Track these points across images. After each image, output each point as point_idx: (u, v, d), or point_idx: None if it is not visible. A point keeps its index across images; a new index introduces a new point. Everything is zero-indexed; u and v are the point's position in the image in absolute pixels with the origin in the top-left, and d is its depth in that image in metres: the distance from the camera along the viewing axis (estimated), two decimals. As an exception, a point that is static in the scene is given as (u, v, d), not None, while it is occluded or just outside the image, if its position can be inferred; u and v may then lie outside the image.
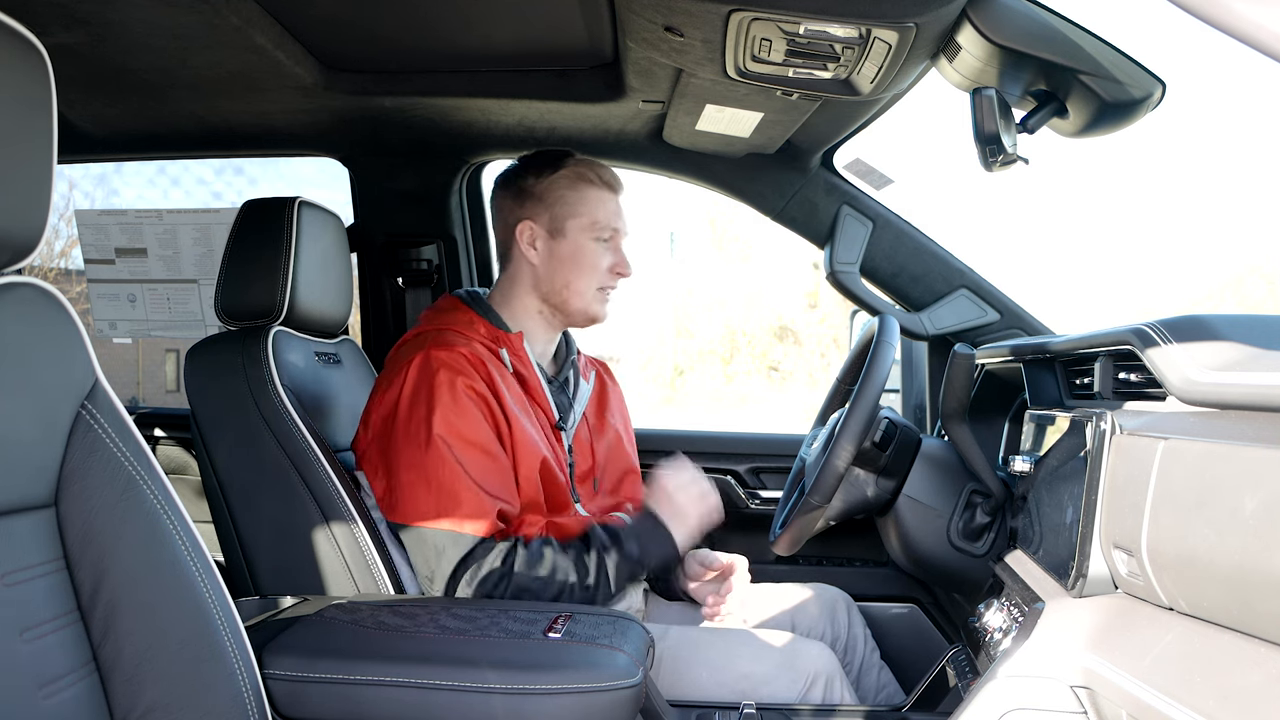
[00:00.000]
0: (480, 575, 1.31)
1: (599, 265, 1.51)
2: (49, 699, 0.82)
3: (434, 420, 1.33)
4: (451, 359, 1.37)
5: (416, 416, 1.34)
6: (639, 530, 1.43)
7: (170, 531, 0.92)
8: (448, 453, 1.32)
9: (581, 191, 1.51)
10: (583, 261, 1.50)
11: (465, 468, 1.33)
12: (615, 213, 1.53)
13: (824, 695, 1.39)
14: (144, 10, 1.31)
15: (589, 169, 1.53)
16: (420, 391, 1.35)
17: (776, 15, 1.15)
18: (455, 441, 1.33)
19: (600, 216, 1.51)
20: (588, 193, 1.51)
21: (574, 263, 1.50)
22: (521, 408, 1.43)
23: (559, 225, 1.50)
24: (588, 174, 1.52)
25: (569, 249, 1.50)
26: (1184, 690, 0.77)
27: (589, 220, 1.50)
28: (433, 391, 1.34)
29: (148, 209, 2.26)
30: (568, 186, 1.51)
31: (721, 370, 18.82)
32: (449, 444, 1.32)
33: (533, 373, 1.49)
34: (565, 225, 1.50)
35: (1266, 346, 0.87)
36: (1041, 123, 1.28)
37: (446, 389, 1.34)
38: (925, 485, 1.44)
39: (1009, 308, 1.79)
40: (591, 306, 1.52)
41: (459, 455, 1.33)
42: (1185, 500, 0.81)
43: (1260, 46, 0.54)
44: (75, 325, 0.90)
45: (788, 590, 1.67)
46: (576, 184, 1.51)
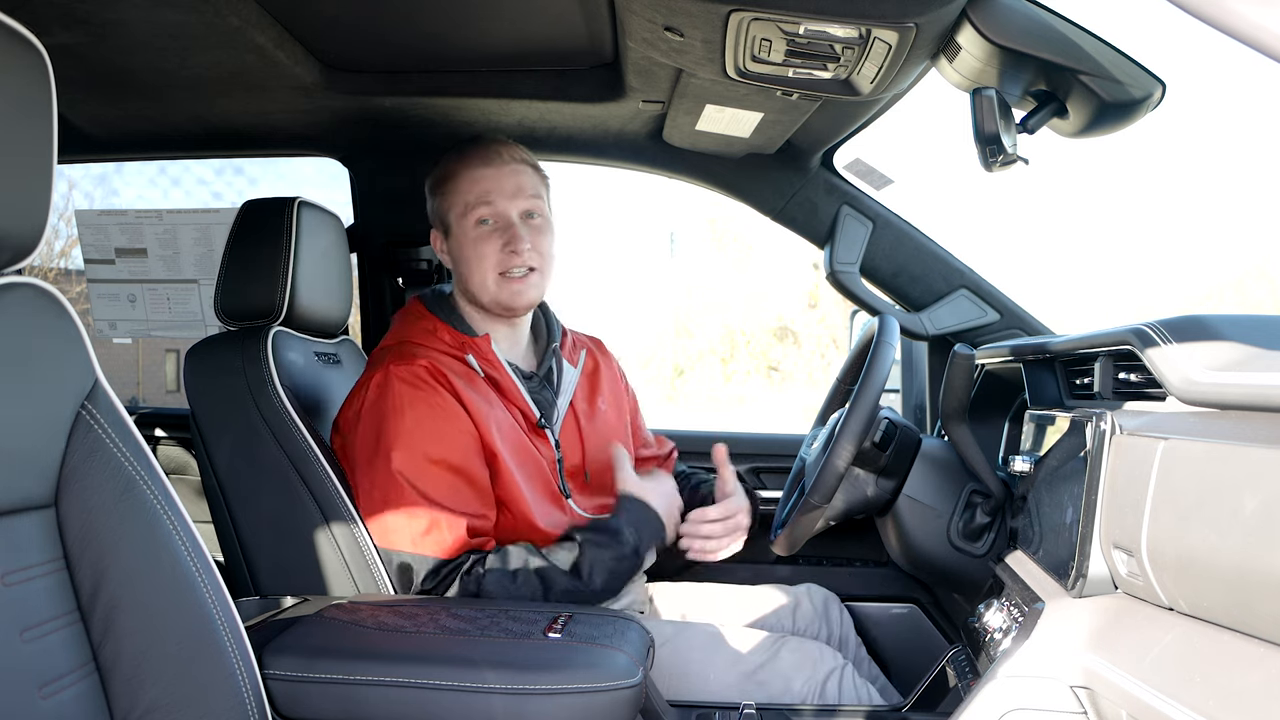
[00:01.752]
0: (450, 593, 1.30)
1: (485, 251, 1.42)
2: (49, 699, 0.82)
3: (391, 442, 1.31)
4: (411, 374, 1.35)
5: (374, 437, 1.33)
6: (627, 518, 1.38)
7: (170, 531, 0.92)
8: (406, 476, 1.30)
9: (454, 180, 1.45)
10: (467, 252, 1.43)
11: (424, 490, 1.31)
12: (487, 189, 1.42)
13: (839, 690, 1.39)
14: (144, 10, 1.31)
15: (460, 155, 1.46)
16: (378, 410, 1.34)
17: (776, 15, 1.15)
18: (415, 462, 1.31)
19: (470, 197, 1.43)
20: (459, 178, 1.44)
21: (463, 256, 1.45)
22: (495, 413, 1.39)
23: (446, 223, 1.47)
24: (457, 161, 1.45)
25: (457, 244, 1.46)
26: (1184, 690, 0.77)
27: (461, 206, 1.44)
28: (391, 411, 1.33)
29: (148, 209, 2.26)
30: (440, 181, 1.47)
31: (721, 370, 18.82)
32: (408, 466, 1.31)
33: (505, 374, 1.44)
34: (448, 220, 1.46)
35: (1266, 346, 0.87)
36: (1041, 123, 1.28)
37: (407, 408, 1.33)
38: (925, 485, 1.44)
39: (1009, 308, 1.79)
40: (500, 296, 1.43)
41: (418, 477, 1.31)
42: (1185, 500, 0.81)
43: (1260, 46, 0.54)
44: (75, 325, 0.90)
45: (780, 591, 1.66)
46: (446, 174, 1.46)
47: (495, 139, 1.49)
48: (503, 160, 1.44)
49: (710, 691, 1.38)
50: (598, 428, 1.57)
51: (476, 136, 1.52)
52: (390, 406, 1.33)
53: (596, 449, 1.55)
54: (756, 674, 1.40)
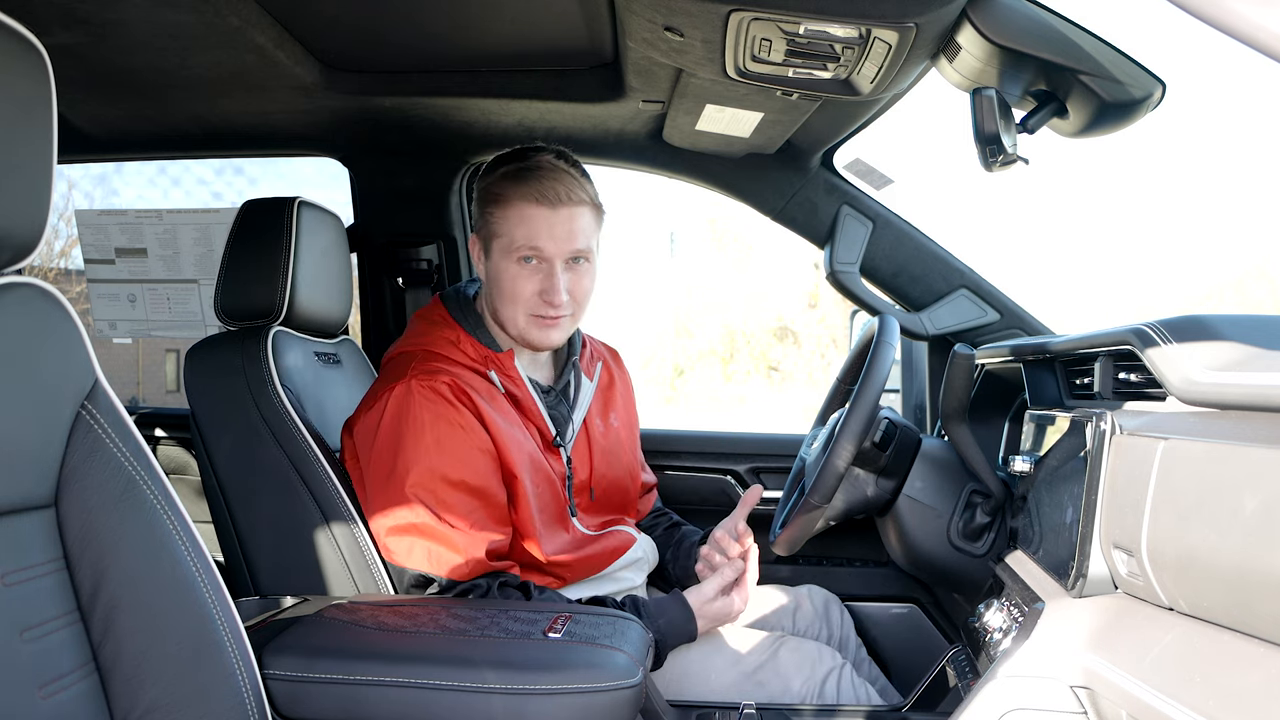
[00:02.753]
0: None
1: (520, 291, 1.35)
2: (49, 699, 0.82)
3: (410, 461, 1.28)
4: (433, 391, 1.31)
5: (391, 453, 1.30)
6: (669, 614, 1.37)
7: (170, 531, 0.92)
8: (423, 496, 1.28)
9: (504, 208, 1.35)
10: (503, 286, 1.37)
11: (442, 511, 1.28)
12: (536, 232, 1.34)
13: (837, 690, 1.38)
14: (144, 10, 1.31)
15: (518, 182, 1.34)
16: (398, 426, 1.30)
17: (776, 15, 1.15)
18: (434, 483, 1.28)
19: (518, 236, 1.34)
20: (510, 210, 1.35)
21: (498, 287, 1.38)
22: (514, 433, 1.37)
23: (487, 244, 1.39)
24: (514, 187, 1.35)
25: (494, 272, 1.38)
26: (1184, 690, 0.77)
27: (506, 241, 1.35)
28: (411, 429, 1.29)
29: (148, 209, 2.26)
30: (493, 201, 1.37)
31: (721, 370, 18.82)
32: (426, 486, 1.28)
33: (525, 392, 1.41)
34: (490, 245, 1.38)
35: (1266, 346, 0.87)
36: (1041, 123, 1.28)
37: (428, 427, 1.29)
38: (925, 485, 1.44)
39: (1009, 308, 1.79)
40: (527, 334, 1.38)
41: (437, 497, 1.28)
42: (1185, 500, 0.81)
43: (1260, 46, 0.54)
44: (75, 325, 0.90)
45: (781, 592, 1.66)
46: (500, 198, 1.36)
47: (557, 168, 1.36)
48: (560, 202, 1.34)
49: (710, 691, 1.38)
50: (608, 444, 1.55)
51: (534, 155, 1.38)
52: (410, 423, 1.29)
53: (605, 465, 1.53)
54: (756, 674, 1.40)
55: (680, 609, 1.38)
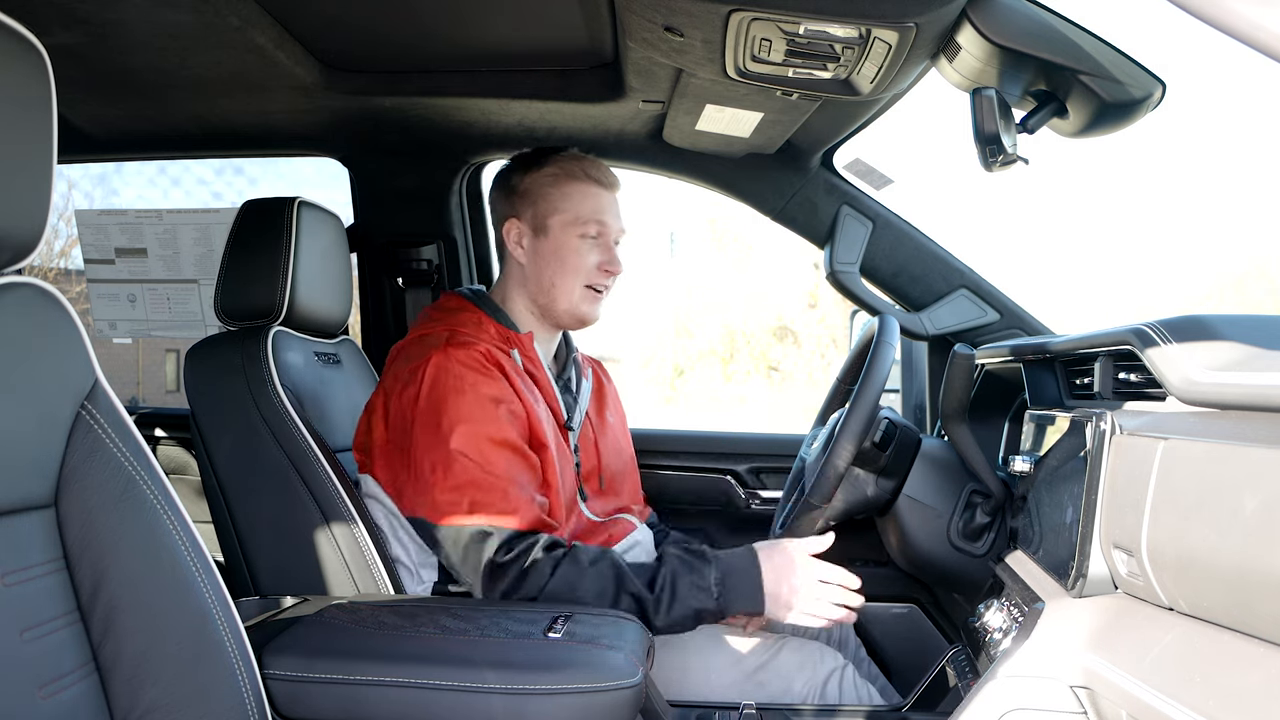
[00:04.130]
0: (523, 566, 1.26)
1: (584, 263, 1.47)
2: (49, 699, 0.82)
3: (454, 422, 1.29)
4: (471, 359, 1.34)
5: (435, 418, 1.30)
6: (723, 562, 1.32)
7: (170, 531, 0.92)
8: (472, 455, 1.28)
9: (564, 187, 1.47)
10: (566, 259, 1.46)
11: (493, 468, 1.29)
12: (603, 208, 1.48)
13: (839, 690, 1.38)
14: (144, 10, 1.31)
15: (574, 163, 1.49)
16: (441, 392, 1.31)
17: (776, 15, 1.15)
18: (480, 443, 1.29)
19: (584, 211, 1.46)
20: (570, 188, 1.47)
21: (558, 261, 1.47)
22: (539, 408, 1.40)
23: (542, 222, 1.48)
24: (573, 169, 1.48)
25: (552, 246, 1.47)
26: (1184, 690, 0.77)
27: (571, 216, 1.46)
28: (452, 392, 1.31)
29: (148, 209, 2.26)
30: (551, 182, 1.48)
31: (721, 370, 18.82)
32: (473, 445, 1.28)
33: (543, 373, 1.47)
34: (548, 222, 1.47)
35: (1266, 346, 0.87)
36: (1041, 123, 1.28)
37: (469, 389, 1.31)
38: (925, 485, 1.44)
39: (1009, 308, 1.79)
40: (579, 307, 1.48)
41: (485, 456, 1.29)
42: (1185, 500, 0.81)
43: (1260, 46, 0.54)
44: (75, 325, 0.90)
45: None
46: (560, 180, 1.48)
47: (597, 159, 1.53)
48: (613, 185, 1.52)
49: (710, 691, 1.38)
50: (609, 438, 1.61)
51: (564, 151, 1.52)
52: (451, 387, 1.31)
53: (610, 456, 1.59)
54: (757, 674, 1.40)
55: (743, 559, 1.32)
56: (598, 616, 1.17)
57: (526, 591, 1.26)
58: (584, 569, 1.27)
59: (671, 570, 1.29)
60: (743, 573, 1.30)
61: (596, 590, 1.26)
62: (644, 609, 1.26)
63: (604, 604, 1.26)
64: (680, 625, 1.29)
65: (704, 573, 1.29)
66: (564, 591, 1.26)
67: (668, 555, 1.32)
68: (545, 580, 1.26)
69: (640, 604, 1.26)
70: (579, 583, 1.26)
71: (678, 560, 1.30)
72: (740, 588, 1.29)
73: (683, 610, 1.27)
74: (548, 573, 1.26)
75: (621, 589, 1.27)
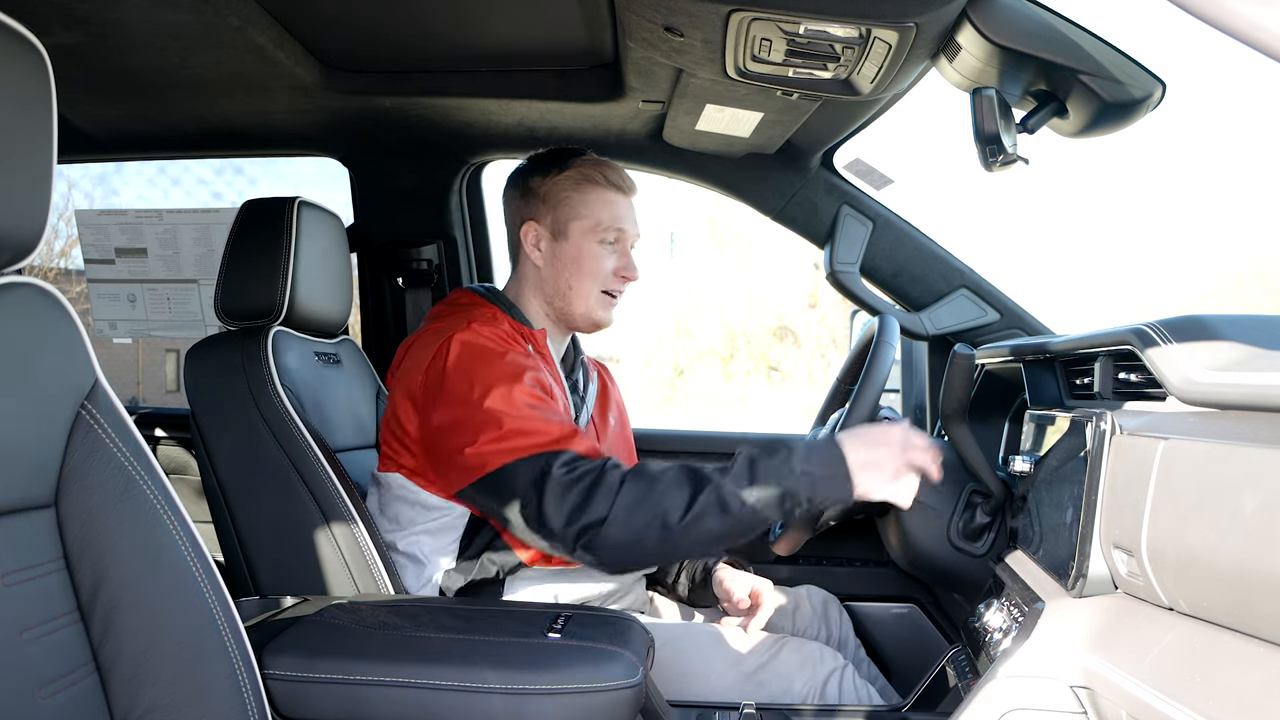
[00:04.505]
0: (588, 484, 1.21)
1: (601, 268, 1.47)
2: (49, 699, 0.82)
3: (492, 385, 1.28)
4: (496, 334, 1.35)
5: (470, 384, 1.29)
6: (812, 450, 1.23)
7: (170, 531, 0.92)
8: (512, 407, 1.27)
9: (585, 192, 1.48)
10: (584, 264, 1.47)
11: (534, 412, 1.28)
12: (622, 215, 1.49)
13: (839, 691, 1.38)
14: (144, 10, 1.31)
15: (595, 168, 1.49)
16: (469, 361, 1.31)
17: (776, 15, 1.15)
18: (518, 399, 1.28)
19: (604, 218, 1.47)
20: (591, 193, 1.47)
21: (575, 265, 1.47)
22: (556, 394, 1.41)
23: (562, 227, 1.47)
24: (593, 174, 1.48)
25: (571, 251, 1.47)
26: (1184, 690, 0.77)
27: (592, 222, 1.46)
28: (483, 360, 1.31)
29: (148, 209, 2.26)
30: (572, 187, 1.48)
31: (721, 370, 18.82)
32: (511, 402, 1.28)
33: (555, 370, 1.47)
34: (568, 227, 1.47)
35: (1266, 346, 0.87)
36: (1041, 123, 1.28)
37: (497, 359, 1.32)
38: (925, 485, 1.43)
39: (1009, 308, 1.79)
40: (595, 311, 1.49)
41: (526, 406, 1.28)
42: (1185, 500, 0.81)
43: (1260, 46, 0.54)
44: (75, 325, 0.90)
45: (780, 592, 1.66)
46: (581, 184, 1.48)
47: (616, 164, 1.52)
48: (631, 191, 1.52)
49: (710, 691, 1.38)
50: (613, 441, 1.61)
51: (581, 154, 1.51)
52: (478, 356, 1.31)
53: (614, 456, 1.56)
54: (757, 674, 1.40)
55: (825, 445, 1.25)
56: (598, 616, 1.17)
57: (595, 511, 1.20)
58: (654, 477, 1.22)
59: (748, 458, 1.23)
60: (825, 452, 1.23)
61: (672, 497, 1.20)
62: (724, 499, 1.20)
63: (682, 507, 1.19)
64: (764, 512, 1.20)
65: (784, 456, 1.22)
66: (635, 504, 1.20)
67: (742, 451, 1.26)
68: (614, 494, 1.21)
69: (720, 494, 1.20)
70: (650, 492, 1.21)
71: (755, 449, 1.25)
72: (824, 468, 1.21)
73: (767, 494, 1.20)
74: (616, 485, 1.22)
75: (699, 488, 1.20)
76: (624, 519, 1.20)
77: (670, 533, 1.20)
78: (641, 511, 1.20)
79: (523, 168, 1.54)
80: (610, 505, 1.20)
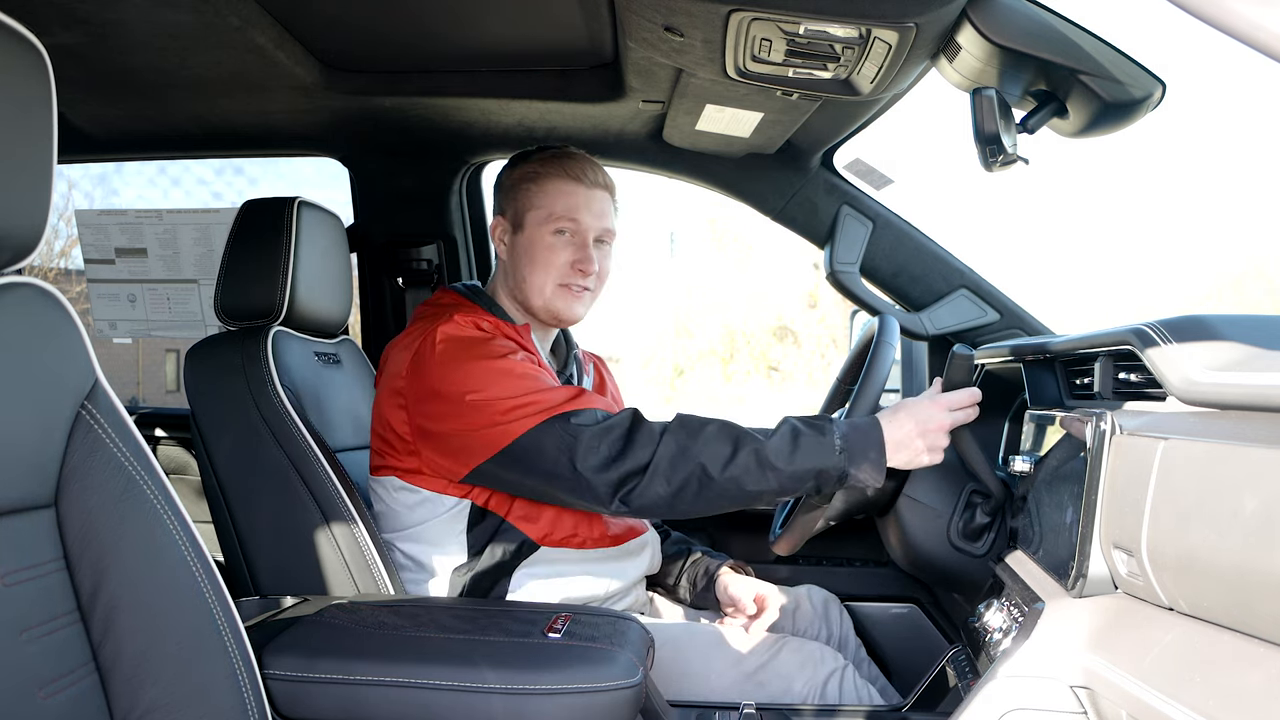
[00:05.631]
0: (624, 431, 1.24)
1: (554, 260, 1.44)
2: (49, 699, 0.82)
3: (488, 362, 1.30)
4: (479, 323, 1.36)
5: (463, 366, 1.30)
6: (853, 429, 1.25)
7: (170, 532, 0.92)
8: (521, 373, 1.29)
9: (542, 184, 1.46)
10: (536, 255, 1.45)
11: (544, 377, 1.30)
12: (577, 205, 1.45)
13: (839, 691, 1.38)
14: (144, 10, 1.31)
15: (556, 161, 1.47)
16: (456, 347, 1.32)
17: (776, 15, 1.15)
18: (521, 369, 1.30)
19: (557, 208, 1.44)
20: (548, 184, 1.46)
21: (529, 257, 1.46)
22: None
23: (520, 219, 1.47)
24: (551, 166, 1.46)
25: (525, 242, 1.46)
26: (1184, 690, 0.77)
27: (545, 212, 1.45)
28: (471, 343, 1.33)
29: (148, 209, 2.27)
30: (531, 179, 1.47)
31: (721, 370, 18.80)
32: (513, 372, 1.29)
33: (544, 365, 1.46)
34: (524, 218, 1.47)
35: (1266, 346, 0.87)
36: (1041, 123, 1.28)
37: (486, 342, 1.33)
38: (925, 485, 1.44)
39: (1009, 308, 1.79)
40: (553, 303, 1.46)
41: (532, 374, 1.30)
42: (1185, 500, 0.81)
43: (1260, 46, 0.54)
44: (75, 325, 0.90)
45: (780, 592, 1.66)
46: (539, 177, 1.47)
47: (585, 155, 1.50)
48: (593, 182, 1.47)
49: (710, 691, 1.38)
50: None
51: (563, 147, 1.51)
52: (466, 340, 1.33)
53: None
54: (757, 674, 1.40)
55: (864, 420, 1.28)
56: (598, 616, 1.17)
57: (635, 460, 1.21)
58: (695, 430, 1.23)
59: (792, 427, 1.25)
60: (865, 431, 1.25)
61: (713, 449, 1.21)
62: (764, 461, 1.21)
63: (722, 460, 1.21)
64: (799, 482, 1.23)
65: (826, 430, 1.24)
66: (676, 455, 1.21)
67: (787, 419, 1.27)
68: (655, 444, 1.22)
69: (760, 456, 1.21)
70: (691, 444, 1.22)
71: (798, 420, 1.27)
72: (863, 445, 1.23)
73: (805, 465, 1.22)
74: (657, 433, 1.23)
75: (739, 445, 1.22)
76: (667, 469, 1.22)
77: (709, 485, 1.22)
78: (685, 462, 1.21)
79: (503, 165, 1.55)
80: (653, 453, 1.22)
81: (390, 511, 1.42)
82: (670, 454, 1.22)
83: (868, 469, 1.23)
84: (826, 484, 1.24)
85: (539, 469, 1.26)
